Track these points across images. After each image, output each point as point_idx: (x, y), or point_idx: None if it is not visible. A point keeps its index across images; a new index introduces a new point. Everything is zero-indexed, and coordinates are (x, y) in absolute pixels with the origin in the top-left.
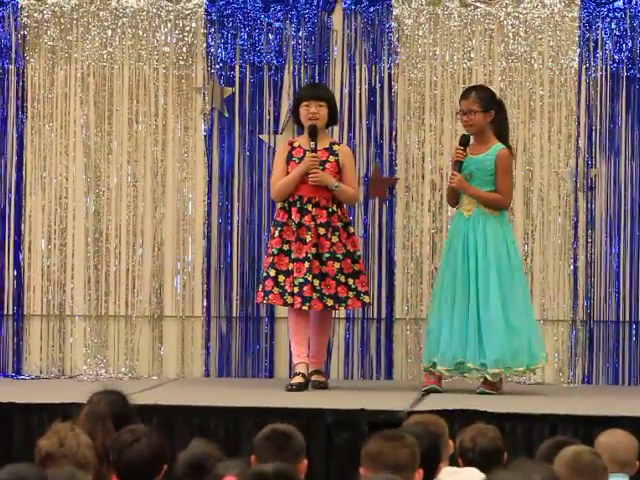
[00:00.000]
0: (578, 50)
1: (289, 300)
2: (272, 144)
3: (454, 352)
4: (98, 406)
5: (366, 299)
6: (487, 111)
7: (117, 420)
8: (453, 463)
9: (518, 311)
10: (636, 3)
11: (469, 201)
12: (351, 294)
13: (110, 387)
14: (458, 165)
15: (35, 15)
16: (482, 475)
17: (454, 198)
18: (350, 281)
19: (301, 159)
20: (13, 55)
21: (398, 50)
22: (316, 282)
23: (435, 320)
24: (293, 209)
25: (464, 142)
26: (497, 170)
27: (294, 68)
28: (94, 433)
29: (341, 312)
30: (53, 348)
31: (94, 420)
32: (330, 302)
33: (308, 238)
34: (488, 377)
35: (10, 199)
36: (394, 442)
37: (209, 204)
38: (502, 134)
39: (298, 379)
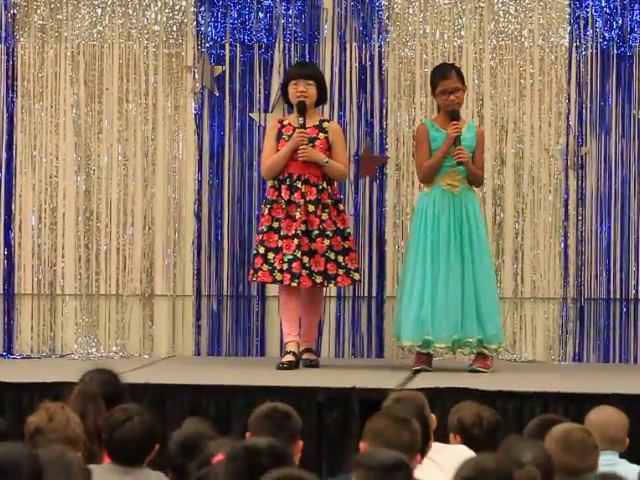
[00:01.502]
0: (568, 28)
1: (278, 277)
2: (262, 123)
3: (450, 330)
4: (90, 385)
5: (356, 276)
6: (465, 87)
7: (109, 399)
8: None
9: (496, 289)
10: None
11: (455, 176)
12: (340, 271)
13: (101, 366)
14: (459, 140)
15: None
16: (470, 452)
17: (436, 174)
18: (340, 258)
19: (290, 137)
20: (3, 34)
21: (388, 28)
22: (305, 259)
23: (425, 298)
24: (283, 187)
25: (456, 117)
26: (478, 147)
27: (284, 46)
28: (86, 412)
29: (332, 290)
30: (44, 327)
31: (86, 399)
32: (319, 279)
33: (297, 215)
34: (486, 352)
35: (0, 178)
36: (400, 424)
37: (199, 182)
38: None
39: (289, 357)
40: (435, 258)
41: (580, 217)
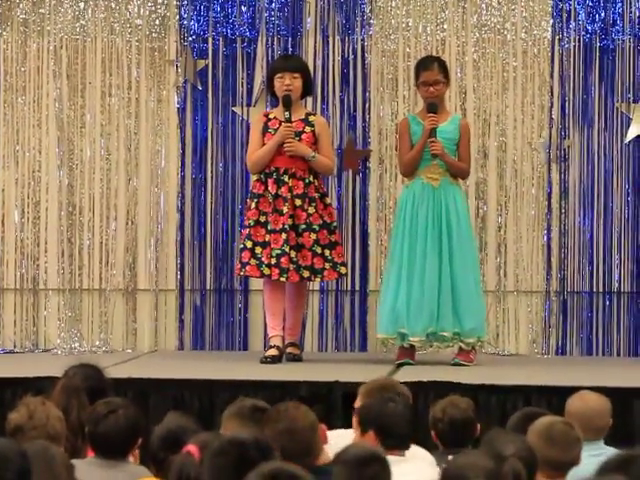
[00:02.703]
0: (551, 21)
1: (266, 272)
2: (245, 116)
3: (424, 323)
4: (73, 380)
5: (342, 270)
6: (448, 81)
7: (92, 394)
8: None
9: (479, 282)
10: None
11: (435, 170)
12: (327, 265)
13: (85, 361)
14: (434, 132)
15: None
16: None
17: (416, 167)
18: (326, 252)
19: (277, 130)
20: None
21: (371, 22)
22: (293, 253)
23: (401, 291)
24: (269, 180)
25: (434, 110)
26: (462, 140)
27: (267, 40)
28: (69, 407)
29: (315, 284)
30: (27, 322)
31: (69, 394)
32: (306, 273)
33: (285, 209)
34: (463, 346)
35: None
36: (288, 435)
37: (182, 177)
38: None
39: (272, 351)
40: (412, 251)
41: (563, 210)
